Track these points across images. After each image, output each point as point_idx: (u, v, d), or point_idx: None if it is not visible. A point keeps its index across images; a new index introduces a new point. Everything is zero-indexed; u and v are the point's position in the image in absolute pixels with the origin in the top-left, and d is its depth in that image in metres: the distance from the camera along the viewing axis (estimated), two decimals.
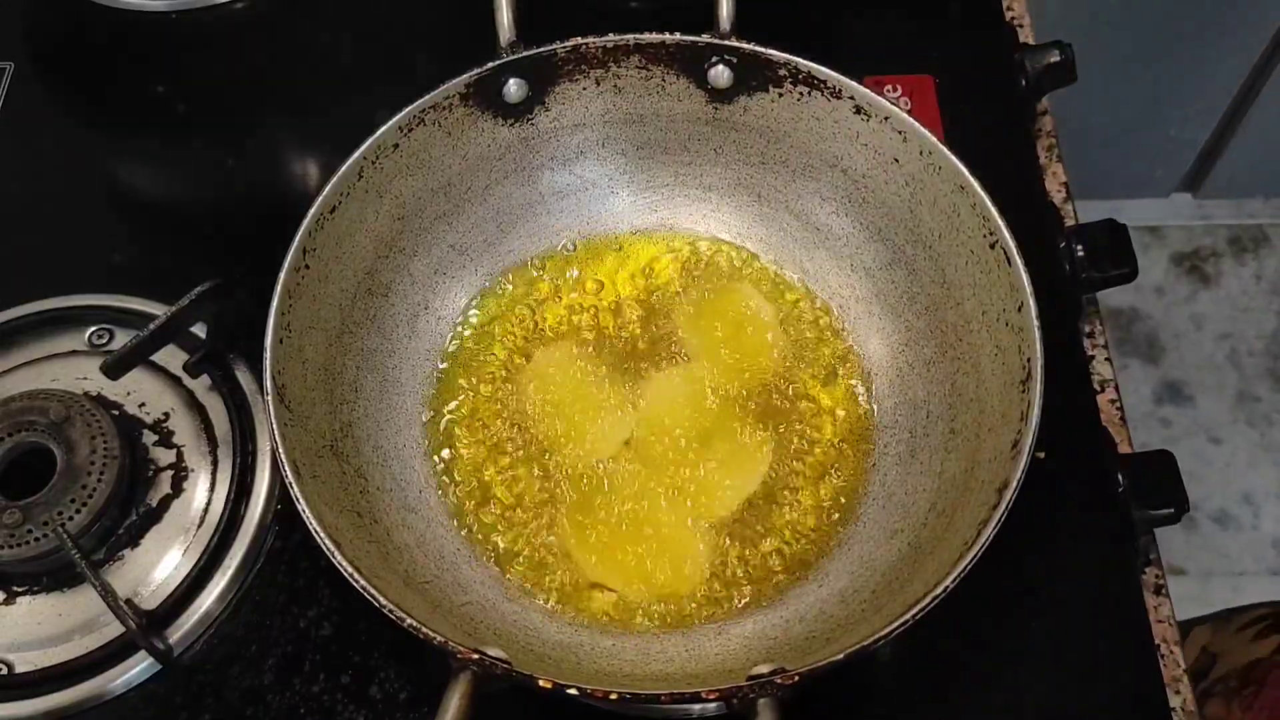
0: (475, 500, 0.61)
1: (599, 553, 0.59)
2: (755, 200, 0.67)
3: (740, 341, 0.65)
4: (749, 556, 0.59)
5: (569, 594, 0.59)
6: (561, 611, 0.58)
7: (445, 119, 0.62)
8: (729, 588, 0.58)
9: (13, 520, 0.59)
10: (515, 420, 0.63)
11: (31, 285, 0.70)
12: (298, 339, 0.57)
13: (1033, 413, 0.52)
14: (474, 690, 0.46)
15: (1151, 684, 0.58)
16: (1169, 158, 1.57)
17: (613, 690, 0.47)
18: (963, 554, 0.49)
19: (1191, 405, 1.58)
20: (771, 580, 0.58)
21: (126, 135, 0.81)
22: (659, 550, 0.59)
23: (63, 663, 0.59)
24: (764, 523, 0.60)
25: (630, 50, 0.63)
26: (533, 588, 0.59)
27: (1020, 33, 0.81)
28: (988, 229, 0.57)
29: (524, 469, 0.62)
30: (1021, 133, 0.76)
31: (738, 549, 0.59)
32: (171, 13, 0.82)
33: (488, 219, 0.67)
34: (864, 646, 0.47)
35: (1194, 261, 1.67)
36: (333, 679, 0.59)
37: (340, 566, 0.49)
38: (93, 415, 0.62)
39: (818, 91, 0.62)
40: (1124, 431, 0.67)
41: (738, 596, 0.58)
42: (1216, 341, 1.62)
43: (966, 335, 0.59)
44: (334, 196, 0.59)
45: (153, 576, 0.61)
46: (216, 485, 0.64)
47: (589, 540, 0.60)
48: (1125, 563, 0.62)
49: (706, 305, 0.66)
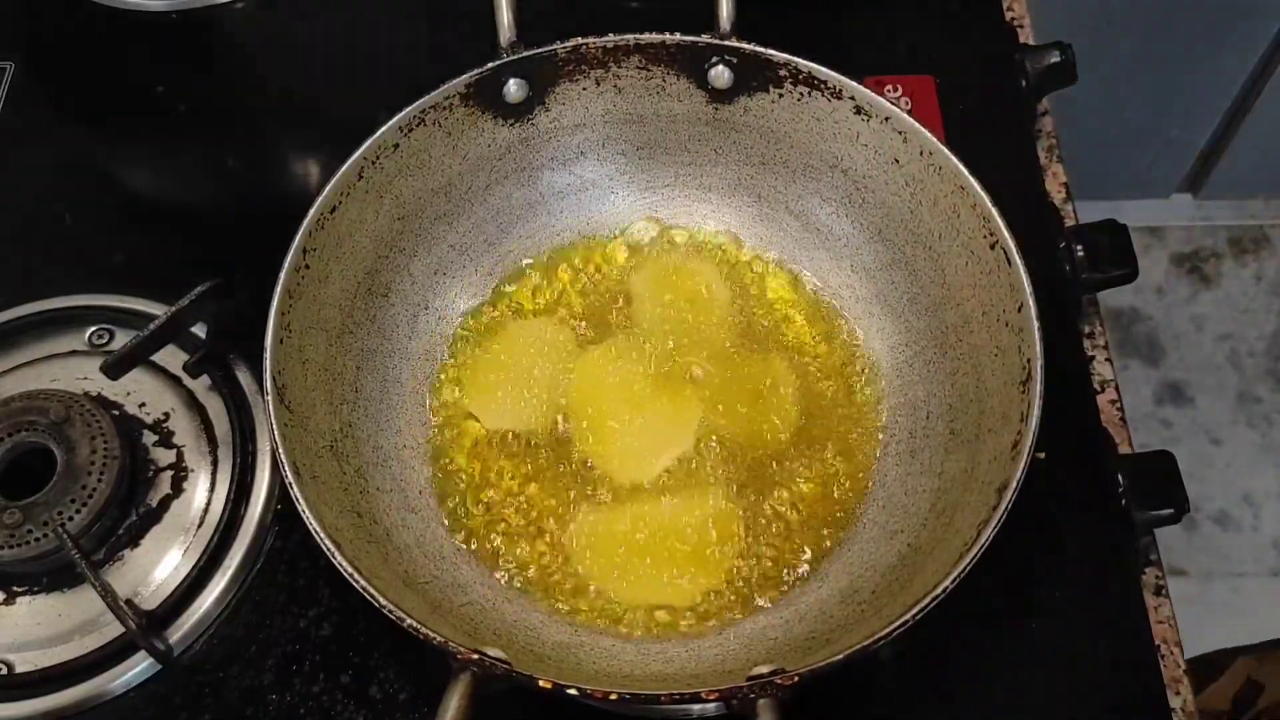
0: (476, 500, 0.61)
1: (598, 552, 0.59)
2: (755, 201, 0.67)
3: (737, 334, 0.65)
4: (749, 567, 0.59)
5: (569, 594, 0.59)
6: (560, 611, 0.58)
7: (445, 119, 0.62)
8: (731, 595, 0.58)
9: (13, 520, 0.59)
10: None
11: (31, 285, 0.70)
12: (298, 339, 0.57)
13: (1033, 413, 0.52)
14: (474, 690, 0.46)
15: (1151, 684, 0.58)
16: (1169, 158, 1.57)
17: (613, 690, 0.47)
18: (963, 554, 0.49)
19: (1192, 406, 1.58)
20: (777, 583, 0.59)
21: (126, 135, 0.81)
22: (663, 556, 0.59)
23: (63, 663, 0.59)
24: (764, 535, 0.60)
25: (630, 50, 0.63)
26: (530, 587, 0.59)
27: (1020, 33, 0.81)
28: (988, 229, 0.57)
29: (525, 469, 0.62)
30: (1021, 133, 0.76)
31: (744, 562, 0.59)
32: (171, 13, 0.82)
33: (488, 219, 0.67)
34: (864, 646, 0.47)
35: (1194, 262, 1.67)
36: (333, 679, 0.59)
37: (340, 566, 0.49)
38: (93, 415, 0.62)
39: (818, 92, 0.62)
40: (1124, 432, 0.67)
41: (737, 608, 0.58)
42: (1217, 342, 1.62)
43: (966, 336, 0.59)
44: (334, 196, 0.59)
45: (153, 577, 0.61)
46: (216, 485, 0.64)
47: (590, 541, 0.60)
48: (1125, 563, 0.62)
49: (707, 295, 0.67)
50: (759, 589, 0.58)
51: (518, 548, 0.60)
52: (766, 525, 0.60)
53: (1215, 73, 1.39)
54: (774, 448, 0.62)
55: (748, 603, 0.58)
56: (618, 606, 0.58)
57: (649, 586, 0.58)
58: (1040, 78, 0.75)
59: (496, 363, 0.65)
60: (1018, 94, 0.75)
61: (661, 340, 0.65)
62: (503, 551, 0.60)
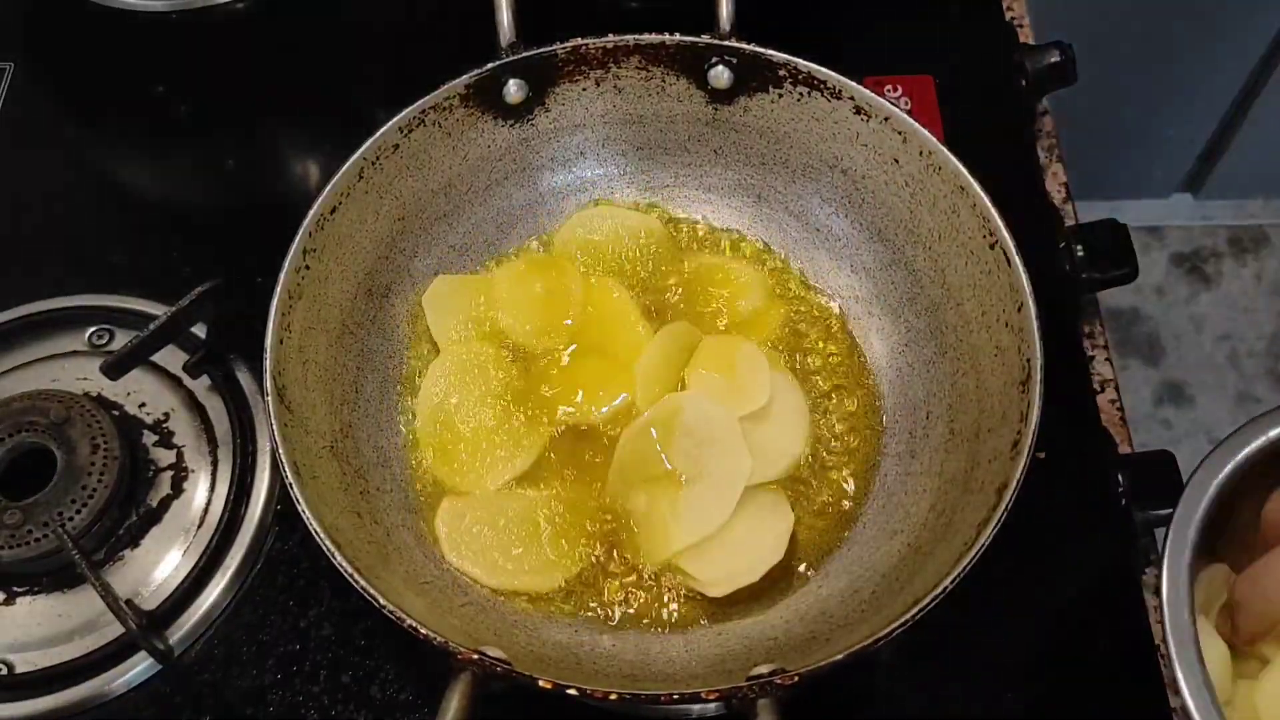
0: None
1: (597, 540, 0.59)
2: (755, 201, 0.67)
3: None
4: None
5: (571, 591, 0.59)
6: (559, 610, 0.58)
7: (445, 119, 0.62)
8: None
9: (13, 521, 0.59)
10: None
11: (31, 285, 0.70)
12: (298, 339, 0.57)
13: (1032, 413, 0.52)
14: (474, 690, 0.46)
15: (1151, 684, 0.58)
16: (1169, 158, 1.57)
17: (613, 690, 0.47)
18: (962, 554, 0.49)
19: (1192, 406, 1.58)
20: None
21: (126, 135, 0.81)
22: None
23: (63, 663, 0.59)
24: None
25: (630, 51, 0.63)
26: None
27: (1020, 33, 0.81)
28: (987, 229, 0.57)
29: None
30: (1021, 133, 0.76)
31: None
32: (171, 13, 0.82)
33: (488, 219, 0.67)
34: (864, 646, 0.47)
35: (1194, 262, 1.67)
36: (333, 679, 0.59)
37: (340, 566, 0.49)
38: (93, 416, 0.62)
39: (818, 92, 0.62)
40: (1124, 432, 0.67)
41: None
42: (1216, 342, 1.62)
43: (966, 336, 0.59)
44: (334, 197, 0.59)
45: (153, 577, 0.61)
46: (216, 485, 0.64)
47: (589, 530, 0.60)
48: (1125, 563, 0.62)
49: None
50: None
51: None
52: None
53: (1215, 73, 1.39)
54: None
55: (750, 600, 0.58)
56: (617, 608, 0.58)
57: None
58: (1040, 78, 0.75)
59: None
60: (1017, 94, 0.75)
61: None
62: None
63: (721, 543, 0.57)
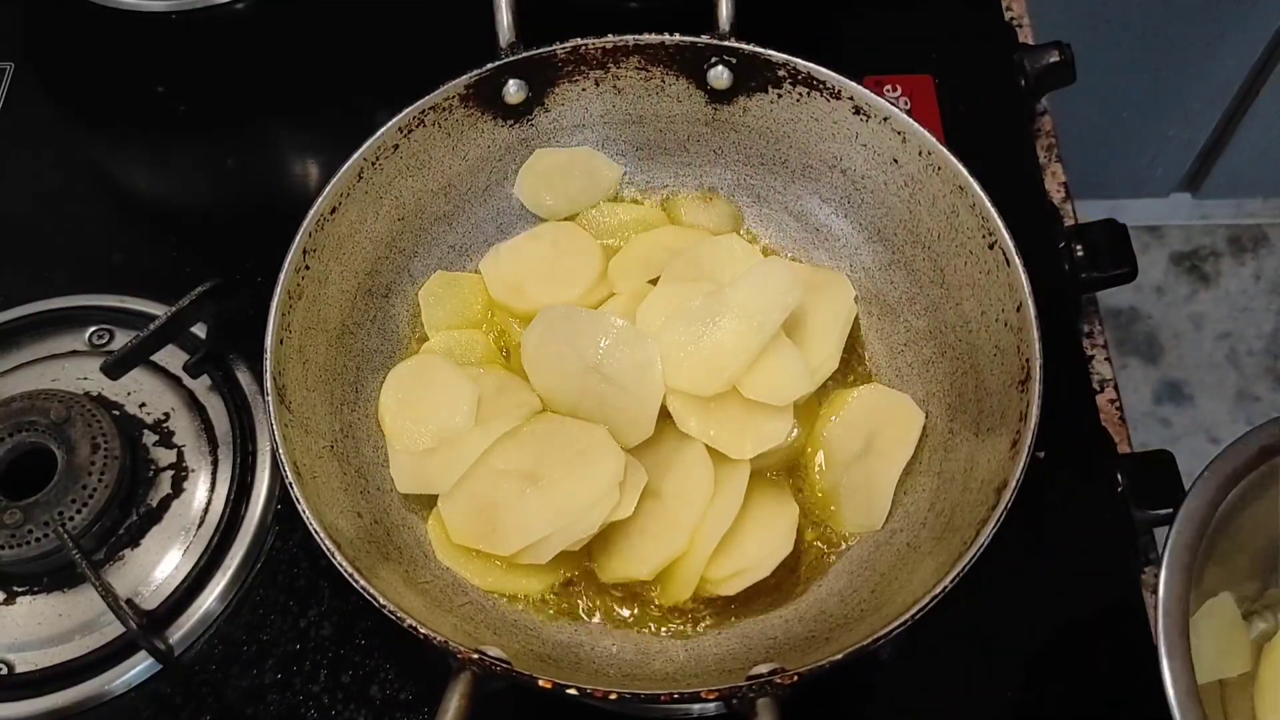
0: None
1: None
2: (755, 201, 0.67)
3: None
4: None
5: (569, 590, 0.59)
6: (559, 610, 0.58)
7: (445, 120, 0.62)
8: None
9: (13, 520, 0.59)
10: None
11: (31, 285, 0.71)
12: (298, 339, 0.57)
13: (1032, 413, 0.52)
14: (474, 690, 0.46)
15: (1152, 685, 0.58)
16: (1169, 158, 1.57)
17: (613, 690, 0.47)
18: (962, 554, 0.49)
19: (1191, 405, 1.58)
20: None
21: (126, 135, 0.81)
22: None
23: (63, 663, 0.59)
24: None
25: (630, 51, 0.63)
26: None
27: (1020, 33, 0.81)
28: (987, 229, 0.57)
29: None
30: (1021, 132, 0.76)
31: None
32: (171, 13, 0.83)
33: (488, 219, 0.67)
34: (864, 646, 0.47)
35: (1194, 261, 1.67)
36: (333, 679, 0.59)
37: (340, 566, 0.49)
38: (93, 415, 0.62)
39: (817, 92, 0.62)
40: (1124, 431, 0.67)
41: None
42: (1216, 341, 1.62)
43: (966, 336, 0.60)
44: (334, 197, 0.59)
45: (153, 576, 0.61)
46: (217, 485, 0.64)
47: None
48: (1125, 563, 0.62)
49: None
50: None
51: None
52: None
53: (1215, 72, 1.39)
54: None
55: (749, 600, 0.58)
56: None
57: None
58: (1039, 77, 0.75)
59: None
60: (1017, 94, 0.75)
61: None
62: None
63: (731, 540, 0.57)
